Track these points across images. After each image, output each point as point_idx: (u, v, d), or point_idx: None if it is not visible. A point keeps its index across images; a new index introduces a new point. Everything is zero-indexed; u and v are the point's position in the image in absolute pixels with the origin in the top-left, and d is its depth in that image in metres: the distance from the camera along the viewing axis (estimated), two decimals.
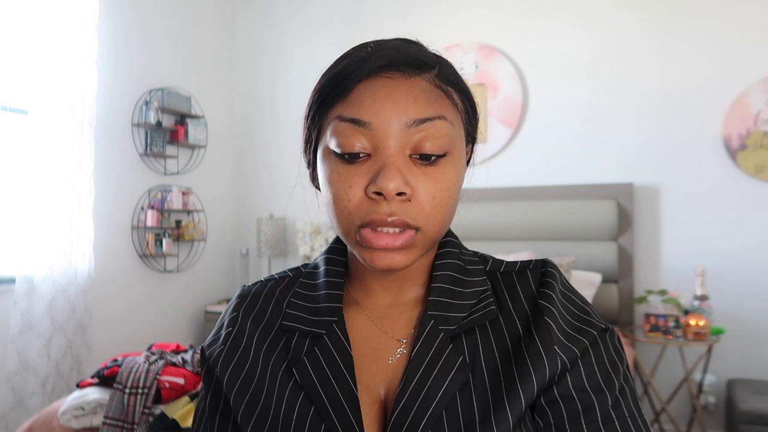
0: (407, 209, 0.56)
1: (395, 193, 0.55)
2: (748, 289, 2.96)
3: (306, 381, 0.60)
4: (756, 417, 2.43)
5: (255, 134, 4.17)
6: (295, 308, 0.66)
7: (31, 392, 2.70)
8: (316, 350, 0.61)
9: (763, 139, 2.97)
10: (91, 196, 2.97)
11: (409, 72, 0.57)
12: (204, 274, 3.85)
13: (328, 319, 0.63)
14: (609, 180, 3.22)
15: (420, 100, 0.56)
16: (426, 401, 0.56)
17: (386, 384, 0.60)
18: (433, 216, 0.57)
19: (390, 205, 0.55)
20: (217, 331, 0.69)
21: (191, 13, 3.84)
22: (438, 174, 0.57)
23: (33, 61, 2.75)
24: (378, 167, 0.55)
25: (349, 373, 0.59)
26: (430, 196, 0.56)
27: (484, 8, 3.54)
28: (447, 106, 0.58)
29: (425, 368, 0.57)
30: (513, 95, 3.43)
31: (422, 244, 0.58)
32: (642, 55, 3.20)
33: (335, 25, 3.89)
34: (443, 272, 0.63)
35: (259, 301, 0.68)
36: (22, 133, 2.80)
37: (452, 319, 0.60)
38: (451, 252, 0.65)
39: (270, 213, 3.88)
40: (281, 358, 0.63)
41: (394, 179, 0.54)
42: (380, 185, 0.54)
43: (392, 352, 0.61)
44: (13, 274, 2.74)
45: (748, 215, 2.99)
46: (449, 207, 0.58)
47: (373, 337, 0.63)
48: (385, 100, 0.56)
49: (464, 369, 0.57)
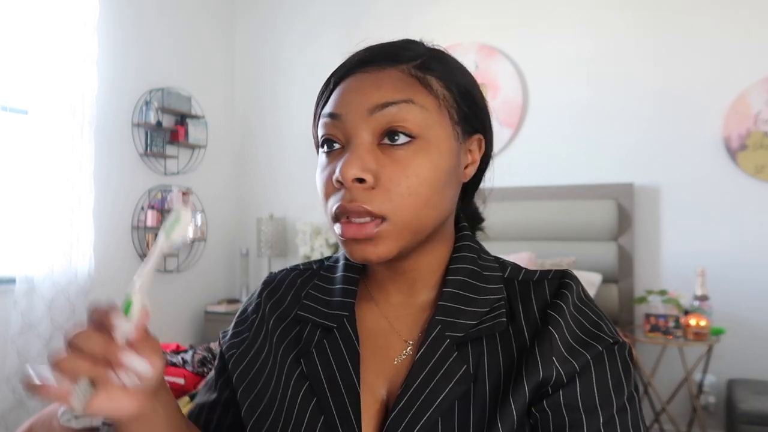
0: (369, 197, 0.55)
1: (352, 180, 0.54)
2: (748, 289, 2.96)
3: (311, 372, 0.61)
4: (756, 417, 2.43)
5: (255, 134, 4.17)
6: (312, 299, 0.66)
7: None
8: (325, 343, 0.62)
9: (763, 139, 2.97)
10: (91, 196, 2.97)
11: (383, 65, 0.58)
12: (204, 274, 3.85)
13: (340, 313, 0.64)
14: (609, 180, 3.22)
15: (386, 87, 0.56)
16: (424, 406, 0.56)
17: (389, 384, 0.60)
18: (400, 204, 0.55)
19: (351, 193, 0.55)
20: (242, 315, 0.71)
21: (191, 13, 3.84)
22: (406, 160, 0.55)
23: (33, 61, 2.75)
24: (345, 156, 0.56)
25: (354, 368, 0.60)
26: (395, 182, 0.55)
27: (484, 8, 3.54)
28: (419, 92, 0.57)
29: (427, 373, 0.57)
30: (513, 95, 3.43)
31: (394, 234, 0.56)
32: (642, 55, 3.19)
33: (335, 25, 3.88)
34: (456, 277, 0.62)
35: (281, 289, 0.70)
36: (22, 133, 2.80)
37: (460, 326, 0.59)
38: (468, 257, 0.63)
39: (270, 213, 3.88)
40: (291, 348, 0.64)
41: (351, 166, 0.54)
42: (338, 173, 0.55)
43: (399, 353, 0.61)
44: (13, 274, 2.74)
45: (748, 215, 2.98)
46: (422, 196, 0.55)
47: (383, 335, 0.63)
48: (354, 92, 0.57)
49: (466, 379, 0.56)
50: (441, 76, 0.59)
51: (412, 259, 0.61)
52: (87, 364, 0.45)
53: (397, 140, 0.55)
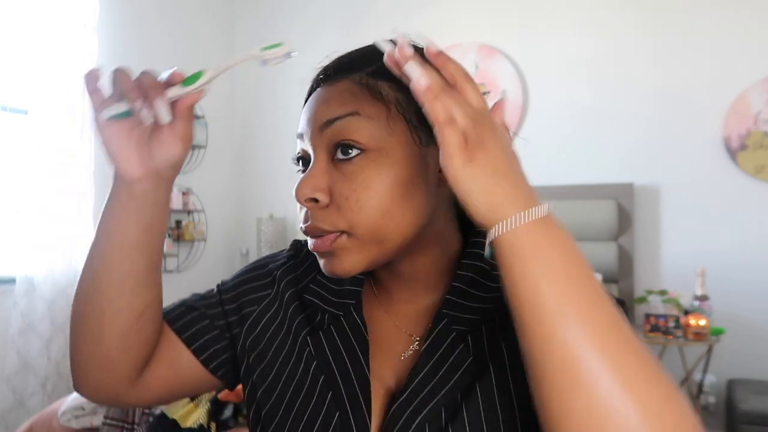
0: (324, 215, 0.55)
1: (305, 201, 0.55)
2: (748, 289, 2.96)
3: (319, 354, 0.61)
4: (756, 417, 2.43)
5: (255, 134, 4.17)
6: (319, 285, 0.66)
7: (31, 392, 2.70)
8: (332, 329, 0.63)
9: (763, 139, 2.97)
10: (91, 196, 2.97)
11: (337, 77, 0.58)
12: (204, 274, 3.85)
13: (347, 301, 0.64)
14: (609, 180, 3.22)
15: (333, 102, 0.56)
16: (430, 395, 0.56)
17: (396, 378, 0.60)
18: (353, 219, 0.54)
19: (309, 213, 0.56)
20: (263, 269, 0.71)
21: (191, 13, 3.84)
22: (354, 174, 0.54)
23: (33, 61, 2.75)
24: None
25: (363, 354, 0.61)
26: (343, 197, 0.54)
27: (484, 8, 3.54)
28: (366, 102, 0.55)
29: (434, 364, 0.57)
30: (513, 95, 3.43)
31: (356, 247, 0.55)
32: (642, 55, 3.19)
33: (335, 25, 3.88)
34: (464, 273, 0.62)
35: (305, 265, 0.69)
36: (22, 133, 2.80)
37: (466, 320, 0.59)
38: (478, 254, 0.63)
39: (270, 213, 3.88)
40: (302, 326, 0.64)
41: (301, 187, 0.55)
42: (294, 195, 0.56)
43: (405, 348, 0.62)
44: (14, 274, 2.74)
45: (748, 215, 2.99)
46: (374, 208, 0.54)
47: (388, 332, 0.64)
48: (309, 110, 0.58)
49: (472, 370, 0.57)
50: (395, 79, 0.55)
51: (405, 263, 0.61)
52: (133, 84, 0.51)
53: (350, 154, 0.54)
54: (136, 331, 0.60)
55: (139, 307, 0.60)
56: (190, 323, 0.67)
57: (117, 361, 0.60)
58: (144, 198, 0.56)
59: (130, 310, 0.59)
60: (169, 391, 0.67)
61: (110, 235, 0.57)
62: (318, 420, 0.58)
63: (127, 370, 0.62)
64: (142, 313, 0.60)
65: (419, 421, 0.55)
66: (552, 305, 0.43)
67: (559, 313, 0.43)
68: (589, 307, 0.43)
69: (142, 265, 0.59)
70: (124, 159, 0.54)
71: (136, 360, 0.62)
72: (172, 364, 0.66)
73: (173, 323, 0.67)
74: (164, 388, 0.66)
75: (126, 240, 0.57)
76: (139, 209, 0.56)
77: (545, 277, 0.44)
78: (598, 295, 0.44)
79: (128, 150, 0.54)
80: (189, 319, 0.68)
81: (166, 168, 0.56)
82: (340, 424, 0.57)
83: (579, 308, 0.43)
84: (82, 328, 0.60)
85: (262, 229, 3.79)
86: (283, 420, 0.60)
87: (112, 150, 0.54)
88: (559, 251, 0.45)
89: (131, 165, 0.54)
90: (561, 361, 0.42)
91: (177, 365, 0.66)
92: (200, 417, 1.80)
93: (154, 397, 0.66)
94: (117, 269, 0.58)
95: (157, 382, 0.65)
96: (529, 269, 0.44)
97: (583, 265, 0.46)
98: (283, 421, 0.60)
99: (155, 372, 0.65)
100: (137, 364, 0.62)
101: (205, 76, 0.53)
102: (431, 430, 0.55)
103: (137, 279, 0.59)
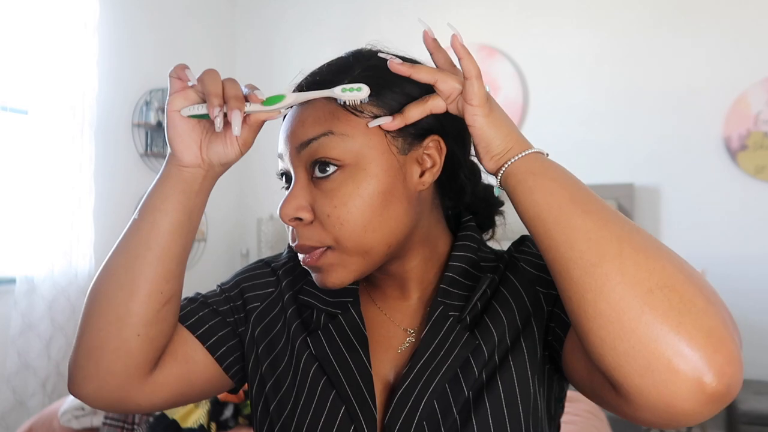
0: (309, 232, 0.57)
1: (289, 220, 0.57)
2: (749, 290, 2.96)
3: (320, 353, 0.62)
4: (756, 417, 2.43)
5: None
6: (314, 285, 0.67)
7: (32, 392, 2.70)
8: (330, 327, 0.64)
9: (764, 139, 2.97)
10: (91, 196, 2.97)
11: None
12: (204, 275, 3.84)
13: (344, 300, 0.65)
14: (609, 180, 3.22)
15: (307, 123, 0.58)
16: (431, 377, 0.58)
17: (396, 371, 0.62)
18: (336, 234, 0.56)
19: (295, 231, 0.58)
20: (266, 268, 0.72)
21: (191, 13, 3.84)
22: (332, 190, 0.56)
23: (33, 61, 2.75)
24: None
25: (363, 349, 0.62)
26: (325, 214, 0.56)
27: (484, 8, 3.54)
28: (339, 119, 0.56)
29: (433, 349, 0.59)
30: (513, 96, 3.43)
31: (342, 261, 0.57)
32: (642, 56, 3.19)
33: (335, 24, 3.88)
34: (457, 263, 0.64)
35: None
36: (22, 133, 2.80)
37: (460, 306, 0.62)
38: (469, 246, 0.66)
39: (270, 213, 3.88)
40: (300, 328, 0.65)
41: (284, 207, 0.57)
42: (278, 215, 0.58)
43: (401, 342, 0.64)
44: (14, 274, 2.74)
45: (749, 216, 2.99)
46: (354, 222, 0.55)
47: (384, 326, 0.65)
48: (286, 131, 0.61)
49: (469, 345, 0.59)
50: (374, 92, 0.57)
51: (396, 265, 0.63)
52: (218, 91, 0.54)
53: (328, 171, 0.56)
54: (159, 321, 0.58)
55: (167, 294, 0.59)
56: (203, 320, 0.66)
57: (136, 350, 0.57)
58: (191, 183, 0.59)
59: (159, 296, 0.58)
60: (180, 392, 0.64)
61: (154, 213, 0.58)
62: (324, 413, 0.59)
63: (143, 364, 0.59)
64: (168, 301, 0.59)
65: (426, 401, 0.57)
66: (565, 200, 0.51)
67: (573, 201, 0.50)
68: (593, 200, 0.53)
69: (178, 249, 0.59)
70: (185, 147, 0.58)
71: (154, 353, 0.59)
72: (187, 361, 0.64)
73: (185, 320, 0.66)
74: (175, 387, 0.63)
75: (167, 221, 0.58)
76: (185, 192, 0.58)
77: (556, 182, 0.52)
78: (595, 196, 0.54)
79: (190, 140, 0.58)
80: (201, 315, 0.67)
81: (218, 164, 0.61)
82: (348, 416, 0.59)
83: (589, 199, 0.52)
84: (106, 309, 0.57)
85: (262, 230, 3.79)
86: (291, 415, 0.61)
87: (175, 137, 0.57)
88: (561, 169, 0.55)
89: (189, 153, 0.58)
90: (585, 242, 0.48)
91: (192, 362, 0.64)
92: (200, 417, 1.80)
93: (162, 398, 0.63)
94: (155, 249, 0.57)
95: (168, 380, 0.62)
96: (541, 180, 0.52)
97: (578, 180, 0.55)
98: (290, 416, 0.61)
99: (168, 369, 0.62)
100: (154, 358, 0.60)
101: (287, 100, 0.56)
102: (440, 407, 0.57)
103: (170, 264, 0.58)
